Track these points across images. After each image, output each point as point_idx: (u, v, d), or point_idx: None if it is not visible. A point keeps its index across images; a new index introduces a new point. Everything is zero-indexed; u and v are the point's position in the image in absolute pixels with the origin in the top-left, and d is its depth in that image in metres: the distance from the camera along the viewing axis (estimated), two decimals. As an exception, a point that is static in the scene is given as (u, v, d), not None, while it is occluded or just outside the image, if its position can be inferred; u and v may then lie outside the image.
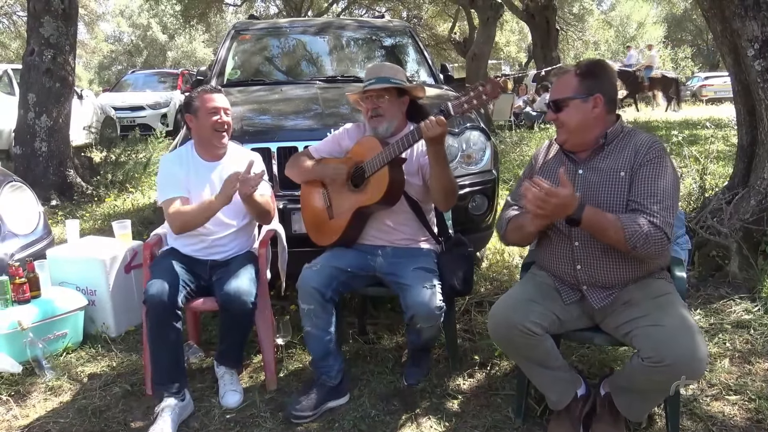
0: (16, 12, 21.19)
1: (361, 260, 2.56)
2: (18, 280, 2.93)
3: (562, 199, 1.88)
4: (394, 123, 2.55)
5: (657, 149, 2.04)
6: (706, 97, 20.79)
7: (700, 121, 11.82)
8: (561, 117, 2.10)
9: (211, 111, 2.57)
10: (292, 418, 2.37)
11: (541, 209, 1.90)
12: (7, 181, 3.62)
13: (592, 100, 2.06)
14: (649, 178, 2.00)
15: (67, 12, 6.15)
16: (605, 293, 2.09)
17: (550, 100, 2.15)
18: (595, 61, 2.19)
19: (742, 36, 3.47)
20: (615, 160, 2.07)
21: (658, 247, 1.94)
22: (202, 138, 2.65)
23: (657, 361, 1.85)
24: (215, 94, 2.62)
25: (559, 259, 2.16)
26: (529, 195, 1.90)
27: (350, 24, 5.46)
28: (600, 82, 2.08)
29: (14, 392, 2.64)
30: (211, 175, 2.64)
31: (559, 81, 2.14)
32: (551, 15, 14.94)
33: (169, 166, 2.68)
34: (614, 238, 1.94)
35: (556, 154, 2.24)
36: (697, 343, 1.86)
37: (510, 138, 10.22)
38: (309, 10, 20.25)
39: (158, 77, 14.87)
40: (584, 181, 2.10)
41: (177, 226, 2.55)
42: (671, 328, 1.89)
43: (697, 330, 1.91)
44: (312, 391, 2.44)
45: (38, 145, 6.09)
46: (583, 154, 2.14)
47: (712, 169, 5.89)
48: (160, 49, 33.84)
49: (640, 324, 1.96)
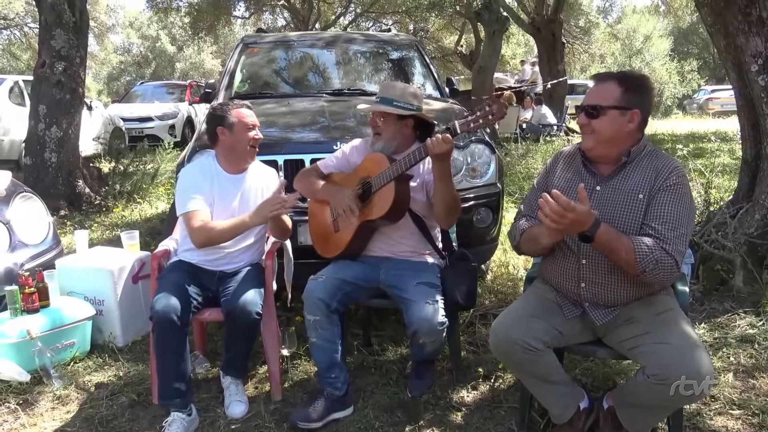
0: (27, 23, 21.44)
1: (365, 272, 2.58)
2: (27, 290, 2.96)
3: (578, 215, 1.84)
4: (393, 144, 2.57)
5: (678, 175, 2.00)
6: (712, 110, 20.80)
7: (706, 134, 11.85)
8: (594, 124, 2.03)
9: (250, 127, 2.63)
10: (297, 428, 2.38)
11: (556, 223, 1.86)
12: (18, 191, 3.66)
13: (630, 114, 2.01)
14: (667, 204, 1.96)
15: (78, 25, 6.24)
16: (607, 311, 2.09)
17: (585, 103, 2.06)
18: (640, 75, 2.12)
19: (745, 51, 3.50)
20: (635, 180, 2.03)
21: (666, 274, 1.92)
22: (236, 152, 2.66)
23: (663, 379, 1.85)
24: (250, 111, 2.68)
25: (563, 275, 2.16)
26: (546, 209, 1.85)
27: (357, 38, 5.51)
28: (642, 97, 2.03)
29: (22, 400, 2.67)
30: (236, 188, 2.67)
31: (600, 87, 2.06)
32: (557, 28, 14.97)
33: (192, 176, 2.67)
34: (624, 260, 1.92)
35: (573, 166, 2.18)
36: (702, 360, 1.85)
37: (515, 151, 10.23)
38: (316, 23, 20.39)
39: (166, 88, 15.01)
40: (601, 198, 2.06)
41: (201, 240, 2.54)
42: (677, 346, 1.88)
43: (701, 346, 1.91)
44: (317, 402, 2.45)
45: (48, 155, 6.15)
46: (603, 168, 2.10)
47: (717, 182, 5.90)
48: (168, 61, 34.11)
49: (646, 341, 1.95)
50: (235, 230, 2.53)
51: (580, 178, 2.12)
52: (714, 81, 29.96)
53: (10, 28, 22.14)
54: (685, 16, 27.07)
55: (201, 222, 2.54)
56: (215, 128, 2.64)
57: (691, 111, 23.28)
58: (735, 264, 3.50)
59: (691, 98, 25.01)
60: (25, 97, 8.70)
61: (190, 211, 2.56)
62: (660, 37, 30.88)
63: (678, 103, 28.48)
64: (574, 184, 2.08)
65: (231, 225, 2.53)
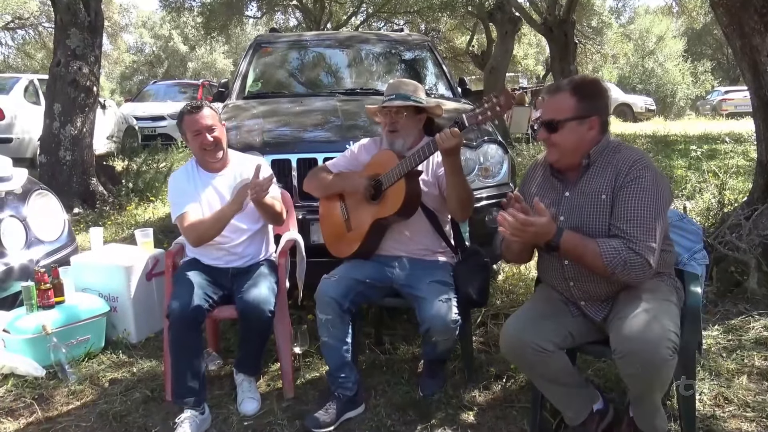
0: (41, 23, 21.63)
1: (378, 271, 2.59)
2: (43, 286, 3.00)
3: (539, 228, 1.87)
4: (410, 139, 2.59)
5: (639, 167, 1.96)
6: (726, 111, 20.63)
7: (720, 135, 11.76)
8: (554, 138, 2.03)
9: (195, 132, 2.60)
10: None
11: (518, 237, 1.89)
12: (34, 188, 3.71)
13: (589, 122, 2.00)
14: (629, 200, 1.94)
15: (93, 24, 6.29)
16: (602, 305, 2.10)
17: (542, 119, 2.05)
18: (591, 80, 2.09)
19: (761, 51, 3.47)
20: (597, 182, 2.02)
21: (638, 273, 1.91)
22: (196, 155, 2.70)
23: (622, 354, 1.84)
24: (197, 114, 2.59)
25: (554, 276, 2.18)
26: (505, 224, 1.86)
27: (370, 38, 5.52)
28: (597, 103, 2.02)
29: (38, 395, 2.70)
30: (218, 184, 2.69)
31: (553, 100, 2.04)
32: (569, 28, 14.90)
33: (177, 182, 2.71)
34: (592, 264, 1.93)
35: (544, 174, 2.19)
36: (652, 327, 1.83)
37: (527, 151, 10.19)
38: (328, 23, 20.43)
39: (179, 88, 15.08)
40: (570, 204, 2.07)
41: (193, 238, 2.59)
42: (632, 317, 1.87)
43: (658, 315, 1.87)
44: (329, 405, 2.45)
45: (63, 154, 6.21)
46: (570, 174, 2.10)
47: (731, 184, 5.86)
48: (180, 60, 34.27)
49: (613, 320, 1.97)
50: (218, 222, 2.53)
51: (551, 185, 2.15)
52: (728, 82, 29.73)
53: (24, 28, 22.35)
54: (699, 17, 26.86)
55: (189, 222, 2.57)
56: (180, 133, 2.71)
57: (704, 112, 23.10)
58: (749, 266, 3.48)
59: (705, 99, 24.83)
60: (40, 96, 8.79)
61: (180, 215, 2.60)
62: (673, 37, 30.70)
63: (691, 104, 28.29)
64: (546, 191, 2.13)
65: (214, 218, 2.55)
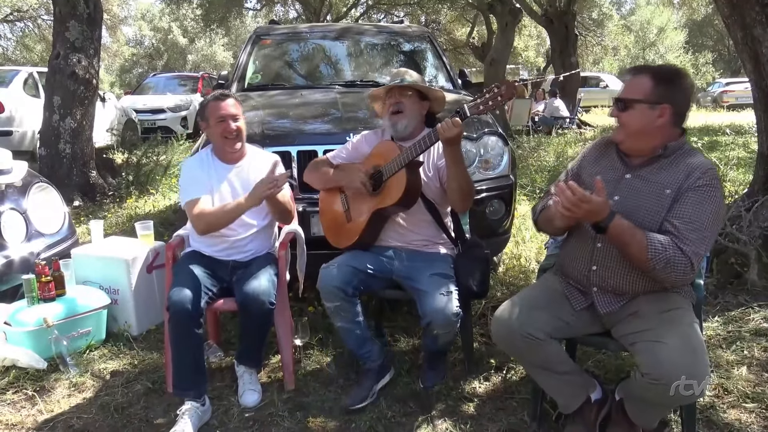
0: (40, 15, 21.55)
1: (378, 262, 2.59)
2: (44, 279, 3.00)
3: (593, 206, 1.84)
4: (413, 123, 2.60)
5: (710, 177, 1.94)
6: (726, 103, 20.61)
7: (721, 127, 11.74)
8: (623, 117, 2.02)
9: (219, 119, 2.61)
10: (351, 411, 2.45)
11: (571, 212, 1.87)
12: (34, 181, 3.70)
13: (660, 109, 1.96)
14: (694, 204, 1.91)
15: (92, 16, 6.26)
16: (613, 299, 2.08)
17: (617, 96, 2.05)
18: (675, 69, 2.06)
19: (762, 43, 3.46)
20: (666, 175, 1.99)
21: (679, 275, 1.89)
22: (215, 144, 2.71)
23: (656, 378, 1.82)
24: (224, 102, 2.63)
25: (577, 257, 2.15)
26: (562, 197, 1.86)
27: (369, 30, 5.49)
28: (673, 92, 1.98)
29: (39, 387, 2.71)
30: (232, 176, 2.69)
31: (632, 80, 2.03)
32: (570, 20, 14.88)
33: (191, 169, 2.72)
34: (636, 254, 1.90)
35: (608, 152, 2.16)
36: (698, 362, 1.81)
37: (527, 143, 10.19)
38: (328, 15, 20.36)
39: (179, 80, 15.06)
40: (628, 186, 2.04)
41: (202, 226, 2.58)
42: (673, 347, 1.83)
43: (700, 348, 1.86)
44: (362, 381, 2.56)
45: (62, 146, 6.20)
46: (636, 160, 2.07)
47: (731, 176, 5.87)
48: (180, 53, 34.17)
49: (643, 338, 1.92)
50: (231, 213, 2.54)
51: (612, 164, 2.12)
52: (728, 74, 29.67)
53: (23, 20, 22.27)
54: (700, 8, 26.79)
55: (199, 209, 2.57)
56: (200, 121, 2.73)
57: (705, 104, 23.06)
58: (749, 257, 3.48)
59: (706, 91, 24.76)
60: (40, 89, 8.77)
61: (190, 200, 2.60)
62: (674, 29, 30.61)
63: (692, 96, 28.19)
64: (604, 169, 2.10)
65: (228, 209, 2.55)
